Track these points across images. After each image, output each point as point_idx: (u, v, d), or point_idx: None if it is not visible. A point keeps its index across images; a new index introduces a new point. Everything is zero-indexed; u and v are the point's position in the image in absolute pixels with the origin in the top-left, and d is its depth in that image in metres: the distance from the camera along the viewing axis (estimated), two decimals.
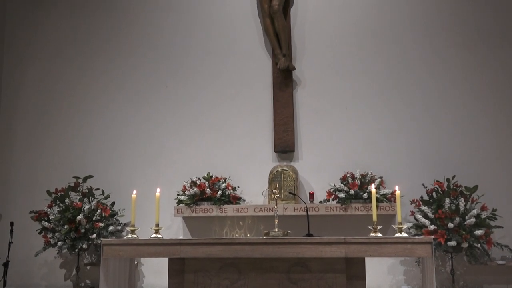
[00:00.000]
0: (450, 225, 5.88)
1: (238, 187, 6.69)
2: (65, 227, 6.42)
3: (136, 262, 6.64)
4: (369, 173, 6.46)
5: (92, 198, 6.72)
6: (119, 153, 7.14)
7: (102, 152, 7.18)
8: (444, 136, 6.64)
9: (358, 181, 6.36)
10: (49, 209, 6.61)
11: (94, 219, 6.53)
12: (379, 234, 4.83)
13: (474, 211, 5.95)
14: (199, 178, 6.67)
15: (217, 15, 7.26)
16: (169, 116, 7.14)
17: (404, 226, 5.07)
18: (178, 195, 6.63)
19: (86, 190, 6.77)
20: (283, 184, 6.48)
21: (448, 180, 6.23)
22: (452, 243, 5.86)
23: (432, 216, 6.04)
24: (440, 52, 6.80)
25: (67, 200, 6.62)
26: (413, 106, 6.76)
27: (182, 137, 7.07)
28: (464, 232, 5.89)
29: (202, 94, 7.13)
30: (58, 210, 6.58)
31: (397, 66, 6.86)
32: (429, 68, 6.80)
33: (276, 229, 4.95)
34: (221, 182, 6.64)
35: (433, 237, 5.00)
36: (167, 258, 5.02)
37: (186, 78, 7.20)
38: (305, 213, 5.28)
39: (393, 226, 5.18)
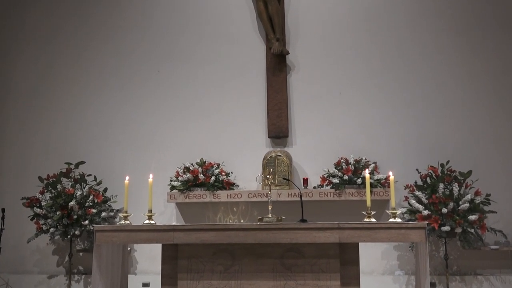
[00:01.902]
0: (444, 210, 5.89)
1: (232, 172, 6.69)
2: (57, 213, 6.40)
3: (129, 249, 6.64)
4: (363, 158, 6.46)
5: (84, 184, 6.71)
6: (111, 139, 7.11)
7: (94, 137, 7.14)
8: (439, 121, 6.64)
9: (352, 166, 6.36)
10: (41, 196, 6.59)
11: (86, 205, 6.52)
12: (373, 220, 4.85)
13: (468, 196, 5.97)
14: (192, 164, 6.65)
15: None
16: (162, 102, 7.11)
17: (398, 212, 5.09)
18: (171, 181, 6.62)
19: (78, 176, 6.75)
20: (276, 169, 6.48)
21: (442, 165, 6.23)
22: (446, 228, 5.88)
23: (426, 201, 6.05)
24: (434, 37, 6.78)
25: (59, 186, 6.60)
26: (408, 91, 6.75)
27: (175, 122, 7.04)
28: (458, 217, 5.91)
29: (195, 80, 7.10)
30: (50, 197, 6.56)
31: (391, 51, 6.84)
32: (423, 53, 6.77)
33: (269, 215, 4.97)
34: (215, 167, 6.64)
35: (427, 222, 5.05)
36: (160, 244, 5.01)
37: (179, 63, 7.15)
38: (299, 199, 5.25)
39: (387, 211, 5.16)
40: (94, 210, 6.48)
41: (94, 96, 7.24)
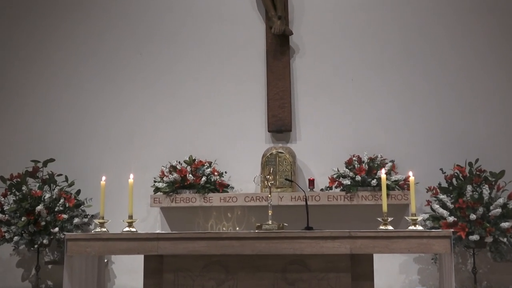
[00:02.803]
0: (472, 216, 5.90)
1: (226, 172, 6.70)
2: (22, 219, 6.40)
3: (106, 260, 6.65)
4: (379, 156, 6.48)
5: (54, 186, 6.71)
6: (85, 133, 7.13)
7: (65, 131, 7.15)
8: (467, 114, 6.66)
9: (366, 165, 6.38)
10: (3, 198, 6.58)
11: (56, 210, 6.51)
12: (390, 227, 4.87)
13: (500, 200, 5.98)
14: (179, 162, 6.66)
15: None
16: (144, 90, 7.13)
17: (419, 218, 5.09)
18: (155, 182, 6.63)
19: (47, 176, 6.76)
20: (278, 169, 6.49)
21: (470, 164, 6.25)
22: (475, 237, 5.89)
23: (451, 206, 6.06)
24: (462, 16, 6.80)
25: (24, 187, 6.59)
26: (431, 78, 6.77)
27: (160, 114, 7.06)
28: (488, 225, 5.91)
29: (182, 64, 7.11)
30: (14, 200, 6.55)
31: (413, 32, 6.85)
32: (450, 35, 6.79)
33: (269, 222, 4.96)
34: (206, 166, 6.65)
35: (452, 230, 5.01)
36: (143, 256, 5.04)
37: (164, 44, 7.17)
38: (303, 203, 5.31)
39: (406, 217, 5.20)
40: (65, 216, 6.47)
41: (65, 83, 7.25)
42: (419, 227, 4.86)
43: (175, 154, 6.80)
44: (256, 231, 4.87)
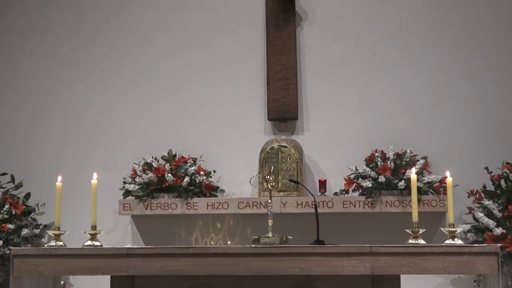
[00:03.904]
0: None
1: (214, 171, 6.70)
2: None
3: (63, 282, 6.64)
4: (408, 151, 6.47)
5: None
6: (37, 123, 7.15)
7: (11, 121, 7.19)
8: None
9: (392, 163, 6.37)
10: None
11: (0, 218, 6.50)
12: (421, 241, 4.87)
13: None
14: (155, 159, 6.67)
15: None
16: (112, 67, 7.14)
17: (458, 230, 5.09)
18: (125, 183, 6.63)
19: None
20: (280, 167, 6.50)
21: None
22: None
23: (499, 214, 6.08)
24: None
25: None
26: (473, 57, 6.79)
27: (132, 98, 7.08)
28: None
29: (161, 36, 7.12)
30: None
31: None
32: (496, 6, 6.81)
33: (269, 234, 4.96)
34: (189, 164, 6.64)
35: (500, 245, 5.02)
36: (109, 277, 5.02)
37: (137, 10, 7.18)
38: (312, 211, 5.27)
39: (442, 229, 5.18)
40: (11, 226, 6.48)
41: (11, 61, 7.26)
42: (458, 241, 4.88)
43: (150, 148, 6.80)
44: (253, 245, 4.88)
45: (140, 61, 7.10)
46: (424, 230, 5.01)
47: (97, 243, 5.06)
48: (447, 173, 5.20)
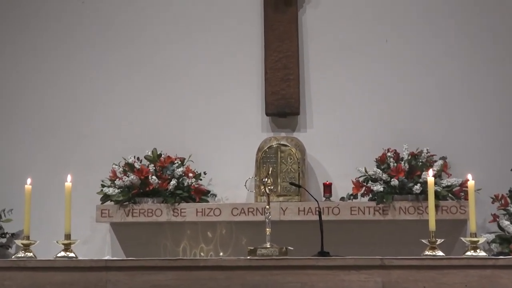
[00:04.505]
0: None
1: (205, 173, 6.70)
2: None
3: None
4: (424, 150, 6.46)
5: None
6: (3, 117, 7.14)
7: None
8: None
9: (406, 164, 6.36)
10: None
11: None
12: (440, 253, 4.88)
13: None
14: (138, 159, 6.66)
15: None
16: (88, 54, 7.14)
17: (481, 240, 5.12)
18: (103, 186, 6.61)
19: None
20: (280, 169, 6.50)
21: None
22: None
23: None
24: None
25: None
26: (497, 44, 6.81)
27: (111, 90, 7.09)
28: None
29: (145, 18, 7.12)
30: None
31: None
32: None
33: (267, 244, 5.00)
34: (176, 164, 6.63)
35: None
36: None
37: None
38: (316, 218, 5.29)
39: (463, 239, 5.22)
40: None
41: None
42: (481, 253, 4.88)
43: (132, 146, 6.81)
44: (249, 257, 4.90)
45: (121, 49, 7.10)
46: (443, 240, 5.02)
47: (72, 255, 5.08)
48: (469, 176, 5.22)
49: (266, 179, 5.35)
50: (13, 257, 5.23)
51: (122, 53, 7.09)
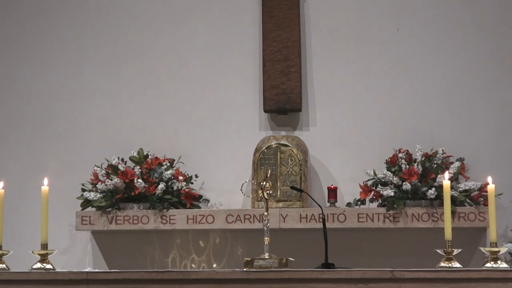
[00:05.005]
0: None
1: (197, 176, 6.71)
2: None
3: None
4: (440, 151, 6.46)
5: None
6: None
7: None
8: None
9: (420, 166, 6.36)
10: None
11: None
12: (456, 264, 4.90)
13: None
14: (123, 160, 6.66)
15: None
16: (71, 45, 7.16)
17: (503, 250, 5.16)
18: (83, 190, 6.61)
19: None
20: (280, 171, 6.52)
21: None
22: None
23: None
24: None
25: None
26: None
27: (92, 82, 7.10)
28: None
29: (131, 9, 7.14)
30: None
31: None
32: None
33: (266, 255, 5.02)
34: (165, 166, 6.64)
35: None
36: None
37: None
38: (320, 225, 5.35)
39: (482, 249, 5.24)
40: None
41: None
42: (503, 264, 4.91)
43: (116, 147, 6.84)
44: (245, 269, 4.92)
45: (105, 40, 7.14)
46: (460, 250, 5.05)
47: (49, 266, 5.11)
48: (489, 179, 5.26)
49: (264, 183, 5.37)
50: None
51: (104, 42, 7.11)
